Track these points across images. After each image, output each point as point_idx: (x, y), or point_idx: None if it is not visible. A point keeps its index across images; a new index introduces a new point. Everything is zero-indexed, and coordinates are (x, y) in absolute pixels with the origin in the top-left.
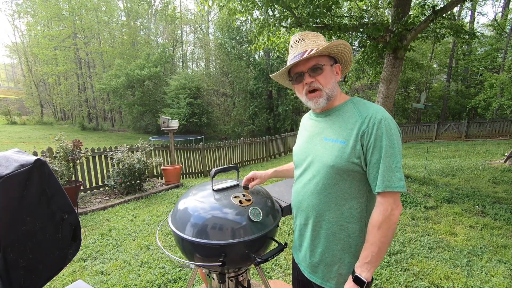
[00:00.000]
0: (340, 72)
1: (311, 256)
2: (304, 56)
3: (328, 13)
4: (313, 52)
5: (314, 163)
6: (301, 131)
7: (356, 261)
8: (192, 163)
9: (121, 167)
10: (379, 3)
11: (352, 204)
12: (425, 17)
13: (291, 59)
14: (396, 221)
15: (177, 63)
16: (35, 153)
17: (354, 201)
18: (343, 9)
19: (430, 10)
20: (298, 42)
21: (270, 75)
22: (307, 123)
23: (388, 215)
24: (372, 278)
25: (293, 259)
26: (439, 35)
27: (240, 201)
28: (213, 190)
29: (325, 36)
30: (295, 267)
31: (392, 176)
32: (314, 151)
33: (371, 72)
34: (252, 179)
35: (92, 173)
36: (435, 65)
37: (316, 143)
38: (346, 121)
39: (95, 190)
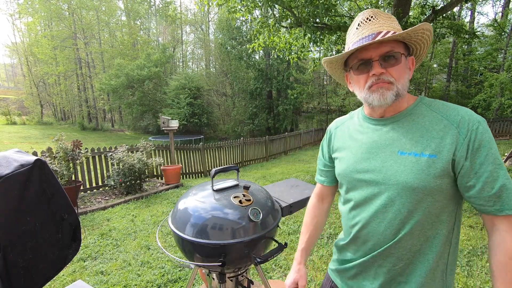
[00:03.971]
0: (413, 68)
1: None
2: (378, 38)
3: (328, 13)
4: (389, 34)
5: (388, 184)
6: (344, 141)
7: None
8: (192, 163)
9: (121, 167)
10: (379, 3)
11: (441, 230)
12: (425, 17)
13: (357, 41)
14: None
15: (177, 63)
16: (35, 153)
17: (443, 226)
18: (343, 9)
19: (430, 10)
20: (369, 20)
21: (322, 59)
22: (357, 130)
23: None
24: None
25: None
26: (439, 35)
27: (240, 201)
28: (213, 190)
29: (324, 36)
30: None
31: None
32: (384, 169)
33: None
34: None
35: (92, 173)
36: (435, 65)
37: (386, 158)
38: (428, 128)
39: (95, 190)
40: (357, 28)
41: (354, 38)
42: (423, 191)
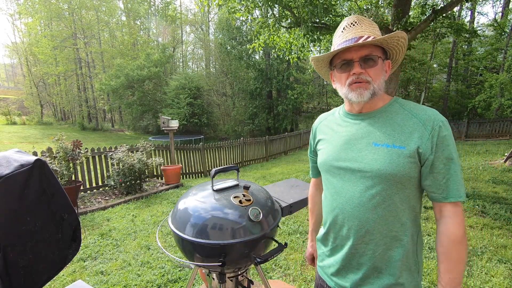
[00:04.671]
0: (389, 71)
1: (375, 278)
2: (359, 41)
3: (327, 13)
4: (370, 39)
5: (364, 171)
6: (326, 133)
7: (411, 279)
8: (192, 163)
9: (121, 167)
10: (379, 2)
11: (411, 214)
12: (425, 17)
13: (341, 43)
14: None
15: (177, 63)
16: (35, 153)
17: (412, 211)
18: (343, 9)
19: (430, 10)
20: (353, 25)
21: (310, 57)
22: (338, 123)
23: (464, 227)
24: None
25: (319, 278)
26: (439, 35)
27: (240, 201)
28: (213, 190)
29: (324, 36)
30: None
31: (461, 184)
32: (360, 158)
33: None
34: (313, 257)
35: (92, 173)
36: (435, 65)
37: (362, 148)
38: (400, 124)
39: (95, 190)
40: (342, 32)
41: (338, 40)
42: (394, 178)
